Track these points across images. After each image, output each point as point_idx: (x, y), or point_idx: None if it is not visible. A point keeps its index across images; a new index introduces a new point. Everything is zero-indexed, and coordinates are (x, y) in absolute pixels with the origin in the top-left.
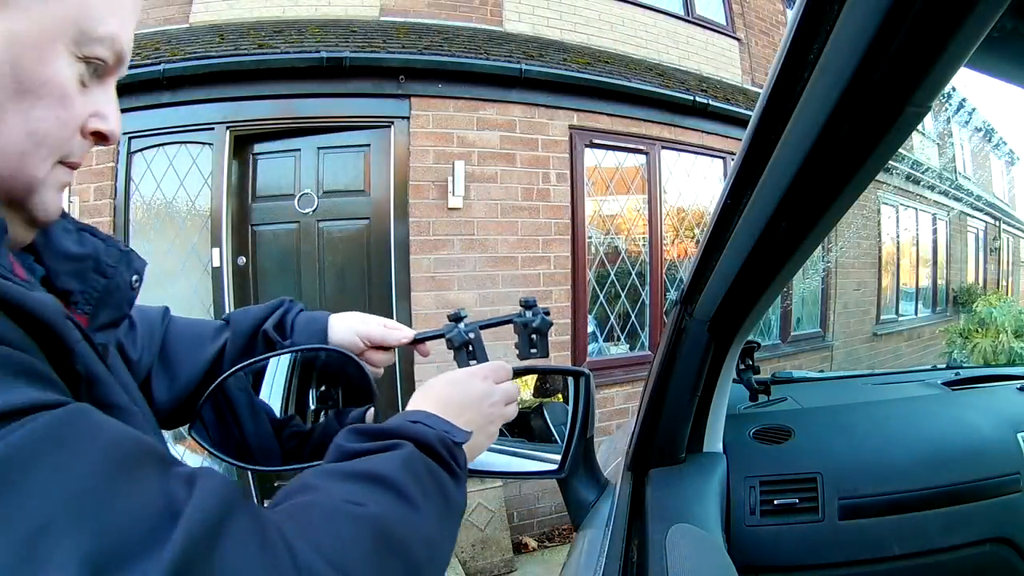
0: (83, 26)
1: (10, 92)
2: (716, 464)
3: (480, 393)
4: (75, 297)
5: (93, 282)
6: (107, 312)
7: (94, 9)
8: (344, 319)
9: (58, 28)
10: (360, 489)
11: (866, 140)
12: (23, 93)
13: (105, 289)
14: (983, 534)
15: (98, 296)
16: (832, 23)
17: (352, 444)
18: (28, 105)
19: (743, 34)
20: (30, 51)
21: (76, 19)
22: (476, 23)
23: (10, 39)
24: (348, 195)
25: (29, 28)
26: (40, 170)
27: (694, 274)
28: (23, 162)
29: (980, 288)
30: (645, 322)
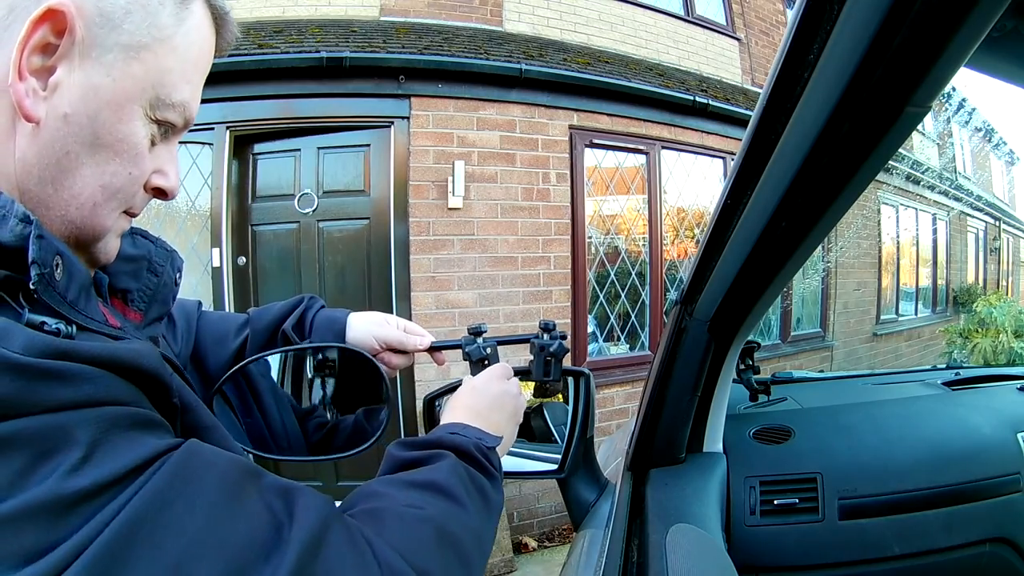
0: (160, 92)
1: (87, 144)
2: (716, 464)
3: (499, 393)
4: (132, 295)
5: (147, 281)
6: (156, 308)
7: (171, 76)
8: (364, 320)
9: (138, 90)
10: (419, 495)
11: (866, 140)
12: (99, 147)
13: (156, 287)
14: (983, 534)
15: (151, 293)
16: (832, 23)
17: (403, 453)
18: (103, 159)
19: (743, 34)
20: (109, 108)
21: (155, 84)
22: (476, 23)
23: (89, 92)
24: (348, 195)
25: (110, 86)
26: (109, 220)
27: (694, 274)
28: (95, 212)
29: (980, 288)
30: (645, 322)
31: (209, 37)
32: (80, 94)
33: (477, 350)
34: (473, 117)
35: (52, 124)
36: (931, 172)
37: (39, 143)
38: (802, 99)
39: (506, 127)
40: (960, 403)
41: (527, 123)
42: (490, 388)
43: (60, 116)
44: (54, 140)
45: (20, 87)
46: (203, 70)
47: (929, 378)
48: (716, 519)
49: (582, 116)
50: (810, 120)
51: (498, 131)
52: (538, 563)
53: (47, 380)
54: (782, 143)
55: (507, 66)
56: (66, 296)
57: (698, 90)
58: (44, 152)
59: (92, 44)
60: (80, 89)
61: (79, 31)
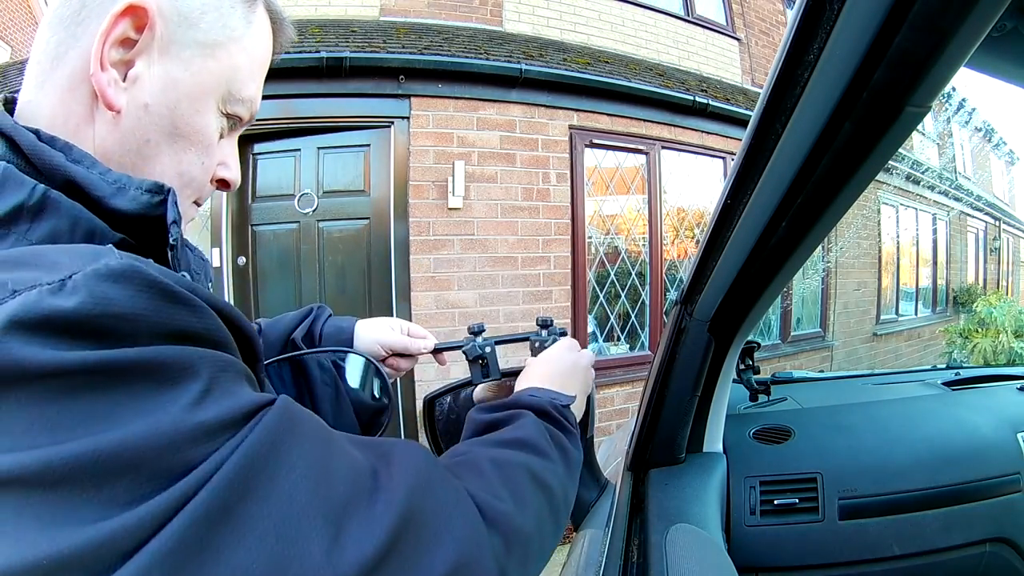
0: (231, 88)
1: (166, 134)
2: (716, 464)
3: (572, 362)
4: None
5: None
6: None
7: (241, 73)
8: (370, 328)
9: (213, 85)
10: (508, 450)
11: (866, 140)
12: (177, 136)
13: None
14: (983, 534)
15: None
16: (832, 23)
17: (485, 416)
18: (180, 148)
19: (743, 34)
20: (188, 100)
21: (228, 80)
22: (476, 23)
23: (169, 84)
24: (348, 195)
25: (188, 80)
26: (182, 207)
27: (694, 274)
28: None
29: (980, 288)
30: (645, 322)
31: (269, 39)
32: (161, 86)
33: (473, 348)
34: (473, 117)
35: (133, 113)
36: (931, 172)
37: (120, 131)
38: (802, 99)
39: (506, 127)
40: (960, 403)
41: (527, 123)
42: (563, 359)
43: (141, 106)
44: (135, 128)
45: (102, 77)
46: (264, 69)
47: (929, 378)
48: (716, 519)
49: (582, 116)
50: (810, 120)
51: (498, 131)
52: None
53: (179, 305)
54: (782, 143)
55: (507, 66)
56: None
57: (698, 90)
58: (125, 139)
59: (170, 40)
60: (160, 82)
61: (159, 28)
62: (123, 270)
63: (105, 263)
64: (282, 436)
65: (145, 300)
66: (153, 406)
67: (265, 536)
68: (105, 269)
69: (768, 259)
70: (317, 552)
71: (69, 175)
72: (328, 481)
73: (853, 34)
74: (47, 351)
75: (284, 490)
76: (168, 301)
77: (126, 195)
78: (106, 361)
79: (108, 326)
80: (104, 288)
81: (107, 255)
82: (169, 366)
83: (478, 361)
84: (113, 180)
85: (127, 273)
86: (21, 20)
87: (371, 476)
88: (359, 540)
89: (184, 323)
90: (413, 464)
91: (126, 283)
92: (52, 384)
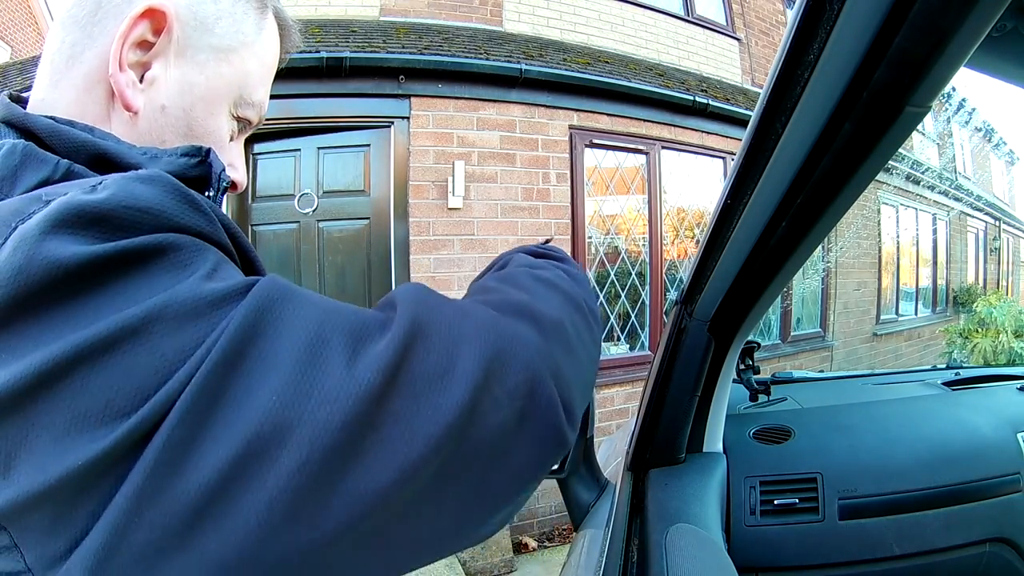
0: (243, 92)
1: (181, 135)
2: (716, 464)
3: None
4: None
5: None
6: None
7: (252, 78)
8: None
9: (226, 88)
10: (505, 270)
11: (866, 140)
12: (191, 139)
13: None
14: (983, 534)
15: None
16: (832, 23)
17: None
18: None
19: (743, 34)
20: (203, 103)
21: (240, 85)
22: (476, 23)
23: (185, 87)
24: (348, 195)
25: (203, 83)
26: None
27: (694, 274)
28: None
29: (980, 288)
30: (645, 322)
31: (278, 44)
32: (177, 89)
33: None
34: (473, 117)
35: (150, 115)
36: (931, 172)
37: (136, 131)
38: (802, 99)
39: (506, 127)
40: (960, 403)
41: (527, 123)
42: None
43: (158, 107)
44: (151, 129)
45: (121, 77)
46: (273, 73)
47: (929, 378)
48: (716, 519)
49: (582, 116)
50: (810, 120)
51: (498, 131)
52: (538, 563)
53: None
54: (782, 143)
55: (507, 66)
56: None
57: (698, 90)
58: (140, 140)
59: (187, 44)
60: (177, 84)
61: (176, 31)
62: (151, 175)
63: (135, 172)
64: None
65: (168, 198)
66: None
67: (282, 364)
68: (134, 175)
69: (768, 259)
70: (337, 369)
71: (99, 148)
72: (338, 310)
73: (853, 34)
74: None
75: (297, 323)
76: (188, 204)
77: (159, 162)
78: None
79: (133, 219)
80: (132, 186)
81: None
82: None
83: None
84: (144, 151)
85: (154, 177)
86: (21, 20)
87: (377, 308)
88: (378, 350)
89: (198, 224)
90: (414, 289)
91: (153, 184)
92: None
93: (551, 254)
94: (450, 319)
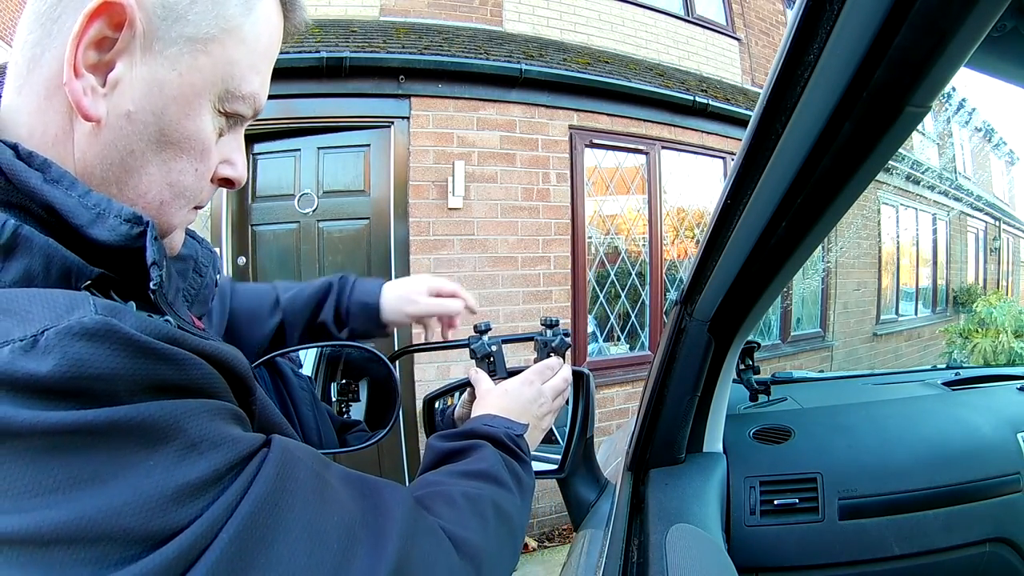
0: (229, 85)
1: (152, 142)
2: (716, 464)
3: (529, 398)
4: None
5: (193, 281)
6: (198, 307)
7: (239, 68)
8: (394, 299)
9: (206, 84)
10: (476, 481)
11: (866, 140)
12: (165, 144)
13: (200, 286)
14: (983, 534)
15: (195, 293)
16: (832, 23)
17: (445, 444)
18: (169, 156)
19: (743, 34)
20: (176, 104)
21: (224, 77)
22: (476, 23)
23: (154, 87)
24: (348, 195)
25: (176, 80)
26: (176, 217)
27: (694, 274)
28: (162, 210)
29: (980, 288)
30: (645, 322)
31: (277, 24)
32: (144, 90)
33: (482, 347)
34: (473, 117)
35: (114, 123)
36: (931, 172)
37: (101, 143)
38: (802, 99)
39: (506, 127)
40: (960, 403)
41: (527, 123)
42: (521, 394)
43: (123, 114)
44: (117, 139)
45: (76, 85)
46: (271, 58)
47: (929, 378)
48: (716, 519)
49: (582, 116)
50: (810, 120)
51: (498, 131)
52: (538, 563)
53: (158, 360)
54: (782, 143)
55: (507, 66)
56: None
57: (698, 90)
58: (106, 152)
59: (154, 37)
60: (144, 85)
61: (139, 24)
62: (97, 328)
63: (78, 319)
64: (276, 497)
65: (122, 359)
66: (135, 467)
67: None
68: (78, 327)
69: (768, 259)
70: None
71: (47, 200)
72: (323, 540)
73: (853, 34)
74: (23, 411)
75: (282, 557)
76: (146, 357)
77: (105, 223)
78: (85, 423)
79: (85, 388)
80: (78, 348)
81: (81, 306)
82: (149, 424)
83: (485, 359)
84: (93, 204)
85: (101, 331)
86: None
87: (363, 528)
88: None
89: (165, 377)
90: (400, 513)
91: (101, 342)
92: (34, 444)
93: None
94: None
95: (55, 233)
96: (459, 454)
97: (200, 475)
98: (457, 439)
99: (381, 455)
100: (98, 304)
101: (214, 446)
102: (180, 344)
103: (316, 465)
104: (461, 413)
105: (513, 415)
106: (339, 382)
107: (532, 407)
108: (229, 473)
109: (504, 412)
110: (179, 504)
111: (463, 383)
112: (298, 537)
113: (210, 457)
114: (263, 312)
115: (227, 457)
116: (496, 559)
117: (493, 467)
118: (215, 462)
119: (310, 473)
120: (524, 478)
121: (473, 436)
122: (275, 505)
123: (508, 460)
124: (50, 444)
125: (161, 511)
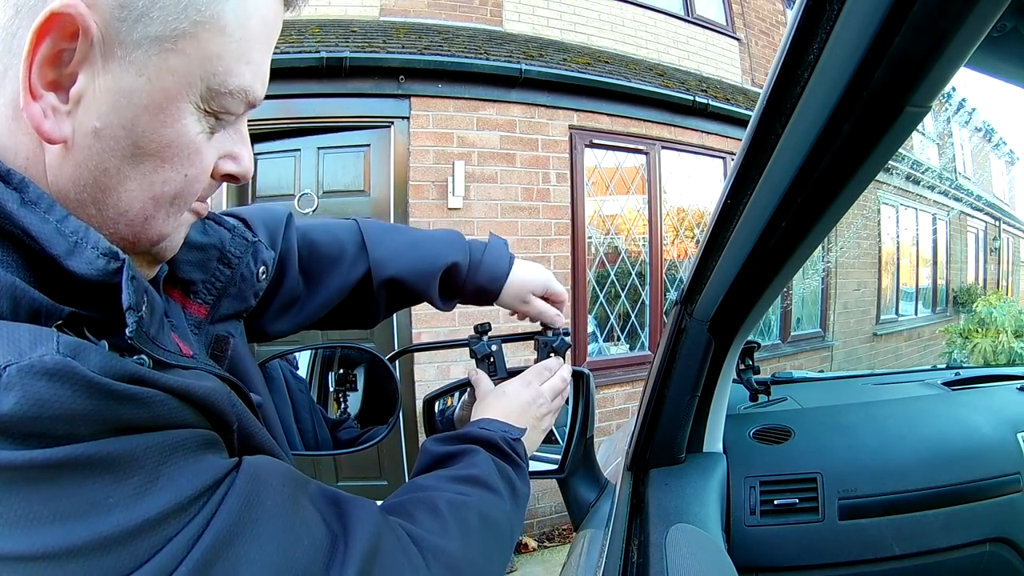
0: (211, 82)
1: (127, 157)
2: (716, 464)
3: (528, 400)
4: (196, 287)
5: (217, 272)
6: (230, 303)
7: (222, 61)
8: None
9: (181, 86)
10: (463, 486)
11: (866, 140)
12: (142, 157)
13: (229, 280)
14: (983, 534)
15: (221, 287)
16: (832, 23)
17: (439, 448)
18: (149, 169)
19: (743, 34)
20: (148, 113)
21: (203, 75)
22: (476, 23)
23: (120, 98)
24: (348, 195)
25: (144, 87)
26: (167, 226)
27: (694, 274)
28: (148, 224)
29: (980, 288)
30: (645, 322)
31: (271, 2)
32: (110, 102)
33: (482, 347)
34: (473, 117)
35: (82, 142)
36: (931, 172)
37: (72, 163)
38: (802, 99)
39: (506, 127)
40: (960, 403)
41: (527, 123)
42: (519, 396)
43: (89, 132)
44: (87, 159)
45: (35, 108)
46: (266, 41)
47: (929, 378)
48: (716, 519)
49: (582, 116)
50: (810, 120)
51: (498, 131)
52: (538, 563)
53: (120, 401)
54: (782, 143)
55: (507, 66)
56: (148, 332)
57: (698, 90)
58: (78, 172)
59: (115, 42)
60: (110, 96)
61: (94, 30)
62: (56, 368)
63: (40, 357)
64: (239, 527)
65: (82, 400)
66: (94, 504)
67: None
68: (40, 366)
69: (768, 259)
70: None
71: (22, 226)
72: (288, 568)
73: (853, 34)
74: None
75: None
76: (107, 399)
77: (82, 255)
78: (43, 459)
79: (45, 428)
80: (38, 388)
81: (45, 343)
82: (108, 461)
83: (486, 360)
84: (71, 231)
85: (61, 372)
86: None
87: (330, 547)
88: None
89: (127, 416)
90: (367, 530)
91: (61, 383)
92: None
93: (513, 456)
94: (391, 571)
95: (33, 260)
96: (452, 458)
97: (161, 509)
98: (451, 443)
99: (381, 455)
100: (61, 342)
101: (173, 479)
102: (148, 383)
103: (288, 488)
104: (461, 415)
105: (512, 417)
106: (336, 372)
107: (531, 408)
108: (194, 504)
109: (503, 414)
110: (139, 538)
111: (463, 383)
112: (263, 566)
113: (171, 490)
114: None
115: (191, 487)
116: (480, 566)
117: (484, 472)
118: (177, 495)
119: (280, 499)
120: (518, 484)
121: (468, 440)
122: (238, 535)
123: (501, 465)
124: (8, 479)
125: (119, 546)
